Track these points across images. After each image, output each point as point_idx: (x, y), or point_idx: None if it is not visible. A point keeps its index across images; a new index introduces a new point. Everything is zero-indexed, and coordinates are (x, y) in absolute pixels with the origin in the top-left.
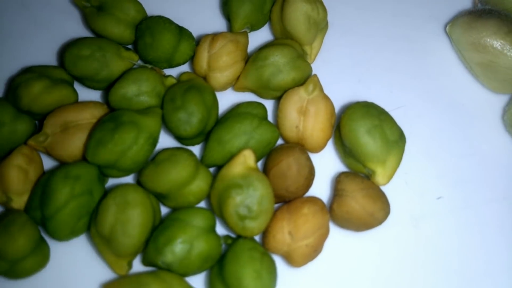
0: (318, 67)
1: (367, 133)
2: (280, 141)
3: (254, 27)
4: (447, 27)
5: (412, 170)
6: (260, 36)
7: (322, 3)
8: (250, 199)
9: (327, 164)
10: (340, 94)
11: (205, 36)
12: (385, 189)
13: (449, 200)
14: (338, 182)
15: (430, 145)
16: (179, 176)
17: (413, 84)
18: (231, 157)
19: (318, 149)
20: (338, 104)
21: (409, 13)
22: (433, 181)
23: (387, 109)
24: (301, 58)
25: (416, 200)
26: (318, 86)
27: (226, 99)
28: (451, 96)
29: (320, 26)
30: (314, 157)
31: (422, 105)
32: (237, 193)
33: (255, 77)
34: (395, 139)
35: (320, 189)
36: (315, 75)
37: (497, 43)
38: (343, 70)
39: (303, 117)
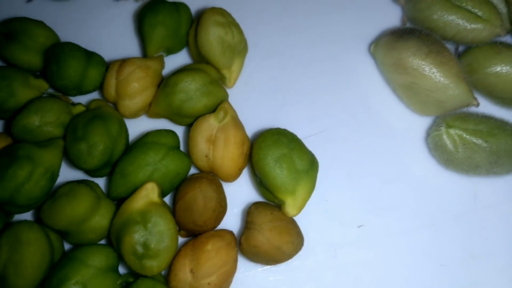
0: (240, 91)
1: (274, 163)
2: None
3: (171, 50)
4: (371, 47)
5: (334, 197)
6: (179, 60)
7: (237, 26)
8: (149, 236)
9: (243, 193)
10: (262, 119)
11: (114, 62)
12: (303, 218)
13: (371, 228)
14: (248, 213)
15: (353, 170)
16: (75, 212)
17: (338, 106)
18: (134, 190)
19: (231, 178)
20: (259, 130)
21: (336, 34)
22: (356, 209)
23: (310, 133)
24: (216, 83)
25: (336, 228)
26: (230, 112)
27: (143, 126)
28: (376, 119)
29: (237, 49)
30: (230, 186)
31: (346, 128)
32: (134, 230)
33: (165, 104)
34: (305, 168)
35: (236, 220)
36: (226, 101)
37: (416, 64)
38: (266, 94)
39: (212, 146)
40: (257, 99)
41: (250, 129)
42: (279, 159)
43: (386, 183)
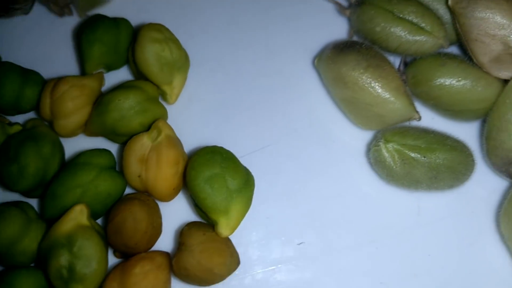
0: (183, 107)
1: (205, 183)
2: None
3: (111, 67)
4: (315, 61)
5: (275, 214)
6: (121, 76)
7: (176, 42)
8: (74, 260)
9: (182, 213)
10: (205, 136)
11: (50, 80)
12: (242, 236)
13: (311, 245)
14: (180, 234)
15: (296, 185)
16: (3, 235)
17: (283, 121)
18: (65, 212)
19: (166, 198)
20: (200, 147)
21: (282, 47)
22: (296, 225)
23: (253, 149)
24: (153, 100)
25: (276, 246)
26: (164, 131)
27: (81, 144)
28: (320, 133)
29: (177, 65)
30: (168, 206)
31: (290, 143)
32: (60, 253)
33: (99, 123)
34: (238, 187)
35: (173, 241)
36: (161, 119)
37: (355, 79)
38: (211, 109)
39: (145, 166)
40: (200, 114)
41: (193, 146)
42: (210, 179)
43: (329, 198)
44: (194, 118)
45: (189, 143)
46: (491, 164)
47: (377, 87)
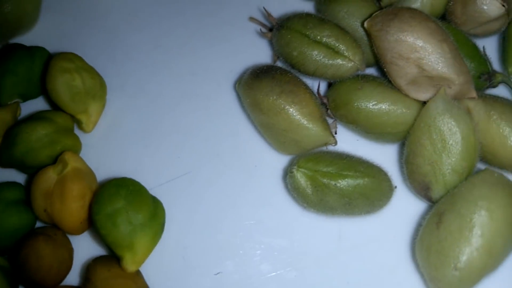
0: (102, 135)
1: (107, 219)
2: None
3: (27, 97)
4: (236, 85)
5: (193, 243)
6: (39, 105)
7: (89, 70)
8: None
9: (94, 246)
10: (123, 164)
11: None
12: (158, 267)
13: (228, 275)
14: (86, 270)
15: (215, 213)
16: None
17: (205, 146)
18: None
19: (74, 232)
20: (116, 176)
21: (207, 71)
22: (214, 255)
23: (174, 175)
24: (65, 131)
25: (193, 276)
26: (71, 163)
27: None
28: (241, 158)
29: (91, 93)
30: (80, 238)
31: (211, 169)
32: None
33: (8, 155)
34: (143, 222)
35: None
36: (67, 152)
37: (270, 105)
38: (131, 136)
39: (49, 200)
40: (120, 142)
41: (110, 176)
42: (112, 214)
43: (248, 225)
44: (113, 146)
45: (107, 173)
46: (411, 188)
47: (290, 113)
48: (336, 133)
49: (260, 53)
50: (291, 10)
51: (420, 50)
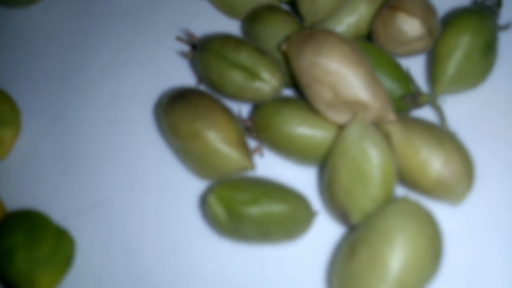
0: (17, 163)
1: (4, 254)
2: None
3: None
4: (155, 109)
5: (108, 275)
6: None
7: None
8: None
9: None
10: (39, 194)
11: None
12: None
13: None
14: None
15: (134, 243)
16: None
17: (125, 173)
18: None
19: None
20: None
21: (131, 93)
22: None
23: (90, 204)
24: None
25: None
26: None
27: None
28: (160, 184)
29: (1, 119)
30: None
31: (131, 196)
32: None
33: None
34: (44, 257)
35: None
36: None
37: (184, 130)
38: (46, 163)
39: None
40: (36, 169)
41: (22, 206)
42: (10, 250)
43: (166, 256)
44: (28, 174)
45: (19, 203)
46: (330, 214)
47: (206, 138)
48: (263, 155)
49: (187, 74)
50: (219, 30)
51: (333, 74)
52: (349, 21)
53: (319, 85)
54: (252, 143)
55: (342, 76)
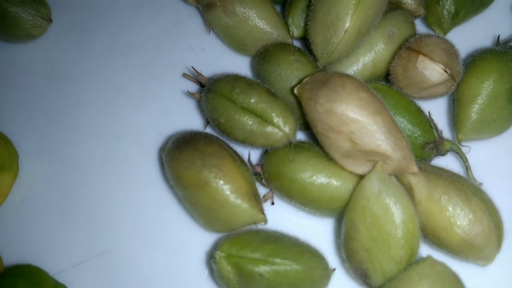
0: (14, 209)
1: None
2: None
3: None
4: (161, 153)
5: None
6: None
7: None
8: None
9: None
10: (36, 243)
11: None
12: None
13: None
14: None
15: None
16: None
17: (126, 220)
18: None
19: None
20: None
21: (132, 133)
22: None
23: (90, 255)
24: None
25: None
26: None
27: None
28: (167, 235)
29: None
30: None
31: (134, 246)
32: None
33: None
34: None
35: None
36: None
37: (191, 180)
38: (44, 208)
39: None
40: (33, 215)
41: (19, 258)
42: None
43: None
44: (25, 220)
45: (16, 253)
46: (350, 272)
47: (214, 189)
48: (273, 203)
49: (191, 114)
50: (227, 68)
51: (351, 123)
52: (365, 60)
53: (336, 134)
54: (260, 189)
55: (361, 125)
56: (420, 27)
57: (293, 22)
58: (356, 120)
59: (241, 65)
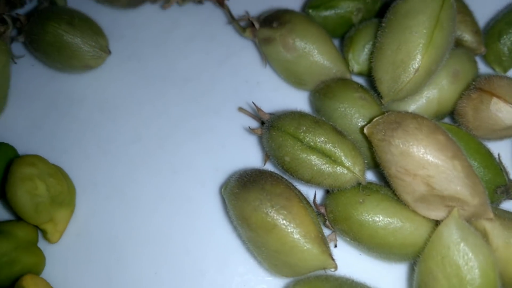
0: (70, 244)
1: None
2: None
3: None
4: (222, 189)
5: None
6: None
7: (55, 175)
8: None
9: None
10: (89, 282)
11: None
12: None
13: None
14: None
15: None
16: None
17: (185, 261)
18: None
19: None
20: None
21: (190, 168)
22: None
23: None
24: (26, 247)
25: None
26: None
27: None
28: (227, 277)
29: (57, 200)
30: None
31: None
32: None
33: None
34: None
35: None
36: (25, 277)
37: (258, 222)
38: (102, 245)
39: None
40: (89, 252)
41: None
42: None
43: None
44: (81, 257)
45: None
46: None
47: (283, 232)
48: (336, 246)
49: (250, 149)
50: (283, 102)
51: (428, 167)
52: (430, 98)
53: (412, 178)
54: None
55: (440, 169)
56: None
57: (354, 57)
58: (435, 164)
59: (297, 99)
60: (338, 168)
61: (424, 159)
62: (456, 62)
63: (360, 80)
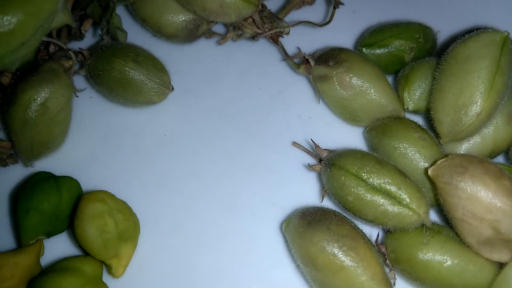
0: (133, 279)
1: None
2: None
3: (53, 233)
4: (283, 226)
5: None
6: (63, 241)
7: (122, 211)
8: None
9: None
10: None
11: None
12: None
13: None
14: None
15: None
16: None
17: None
18: None
19: None
20: None
21: (248, 203)
22: None
23: None
24: (93, 282)
25: None
26: None
27: None
28: None
29: (124, 236)
30: None
31: None
32: None
33: None
34: None
35: None
36: None
37: (326, 262)
38: (164, 278)
39: None
40: (151, 285)
41: None
42: None
43: None
44: None
45: None
46: None
47: (351, 274)
48: (394, 284)
49: (307, 184)
50: (336, 137)
51: (496, 212)
52: (486, 139)
53: (477, 222)
54: None
55: (507, 214)
56: None
57: (409, 96)
58: (502, 209)
59: (350, 135)
60: (403, 209)
61: (492, 204)
62: (510, 103)
63: (413, 118)
